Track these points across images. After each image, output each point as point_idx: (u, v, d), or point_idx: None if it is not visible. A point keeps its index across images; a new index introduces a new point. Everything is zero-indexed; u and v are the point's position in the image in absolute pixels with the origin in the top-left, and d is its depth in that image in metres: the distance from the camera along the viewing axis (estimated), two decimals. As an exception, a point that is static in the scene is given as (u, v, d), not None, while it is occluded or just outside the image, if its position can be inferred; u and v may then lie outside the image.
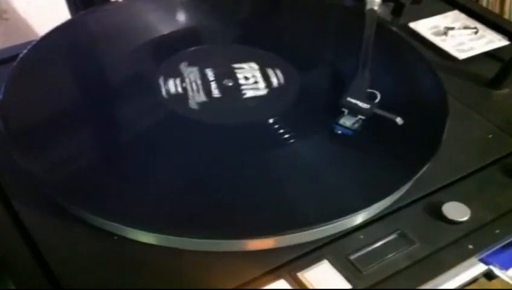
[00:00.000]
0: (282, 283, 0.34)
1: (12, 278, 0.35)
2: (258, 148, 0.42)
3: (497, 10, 1.07)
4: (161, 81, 0.47)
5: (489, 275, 0.45)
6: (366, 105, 0.43)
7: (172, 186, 0.39)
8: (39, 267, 0.35)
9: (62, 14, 0.66)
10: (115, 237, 0.36)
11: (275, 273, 0.35)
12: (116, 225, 0.36)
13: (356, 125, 0.42)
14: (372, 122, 0.43)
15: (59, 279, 0.34)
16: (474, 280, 0.45)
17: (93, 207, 0.36)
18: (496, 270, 0.40)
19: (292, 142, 0.42)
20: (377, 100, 0.44)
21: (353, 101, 0.43)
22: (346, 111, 0.43)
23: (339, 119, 0.42)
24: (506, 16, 1.08)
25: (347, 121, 0.42)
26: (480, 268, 0.42)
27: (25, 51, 0.48)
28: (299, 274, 0.35)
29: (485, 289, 0.50)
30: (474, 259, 0.39)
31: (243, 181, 0.39)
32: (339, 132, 0.42)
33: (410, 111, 0.44)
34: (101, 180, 0.39)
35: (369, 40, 0.49)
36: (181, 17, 0.56)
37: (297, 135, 0.42)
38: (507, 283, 0.42)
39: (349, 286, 0.34)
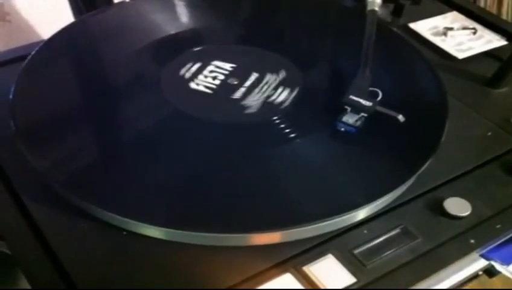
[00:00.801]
0: (288, 277, 0.35)
1: (25, 273, 0.35)
2: (264, 146, 0.43)
3: (494, 12, 1.08)
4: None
5: (490, 272, 0.45)
6: (369, 103, 0.44)
7: (180, 181, 0.39)
8: (51, 264, 0.35)
9: (64, 16, 0.66)
10: (124, 233, 0.37)
11: (280, 267, 0.35)
12: (125, 219, 0.36)
13: (359, 123, 0.43)
14: (374, 120, 0.43)
15: (70, 275, 0.34)
16: (475, 276, 0.46)
17: (102, 202, 0.37)
18: (497, 266, 0.41)
19: (297, 140, 0.43)
20: (378, 98, 0.45)
21: (355, 98, 0.44)
22: (348, 109, 0.44)
23: (341, 117, 0.43)
24: (503, 17, 1.09)
25: (350, 119, 0.43)
26: (481, 264, 0.43)
27: (33, 52, 0.49)
28: (305, 268, 0.35)
29: (485, 289, 0.51)
30: (475, 254, 0.39)
31: (249, 177, 0.40)
32: (342, 129, 0.43)
33: (412, 109, 0.44)
34: (109, 176, 0.40)
35: (370, 40, 0.49)
36: (195, 17, 0.56)
37: (302, 132, 0.43)
38: (507, 281, 0.42)
39: (353, 280, 0.35)
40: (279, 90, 0.48)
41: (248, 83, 0.48)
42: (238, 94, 0.47)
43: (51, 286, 0.34)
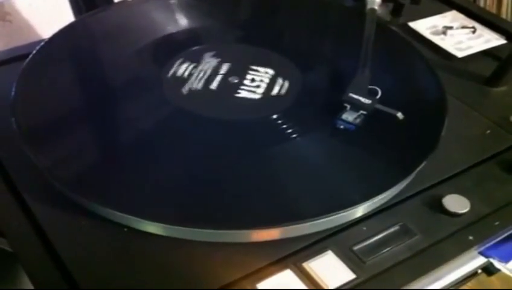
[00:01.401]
0: (288, 273, 0.35)
1: (27, 273, 0.35)
2: (264, 143, 0.43)
3: (494, 11, 1.08)
4: (177, 62, 0.49)
5: (488, 270, 0.46)
6: (368, 100, 0.44)
7: (180, 179, 0.40)
8: (52, 262, 0.35)
9: (65, 16, 0.67)
10: (125, 229, 0.37)
11: (280, 263, 0.36)
12: (126, 216, 0.37)
13: (358, 120, 0.43)
14: (373, 118, 0.44)
15: (72, 274, 0.35)
16: (474, 274, 0.46)
17: (103, 199, 0.37)
18: (496, 263, 0.41)
19: (297, 138, 0.43)
20: (378, 96, 0.45)
21: (355, 96, 0.44)
22: (348, 107, 0.44)
23: (341, 115, 0.43)
24: (503, 16, 1.09)
25: (349, 116, 0.43)
26: (480, 261, 0.43)
27: (34, 51, 0.49)
28: (305, 264, 0.35)
29: (484, 289, 0.51)
30: (474, 252, 0.39)
31: (249, 174, 0.40)
32: (341, 127, 0.43)
33: (411, 108, 0.45)
34: (110, 173, 0.40)
35: (370, 39, 0.50)
36: (194, 16, 0.57)
37: (301, 130, 0.43)
38: (506, 281, 0.42)
39: (353, 276, 0.35)
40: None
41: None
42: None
43: (52, 285, 0.34)
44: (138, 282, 0.35)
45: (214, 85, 0.48)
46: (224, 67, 0.50)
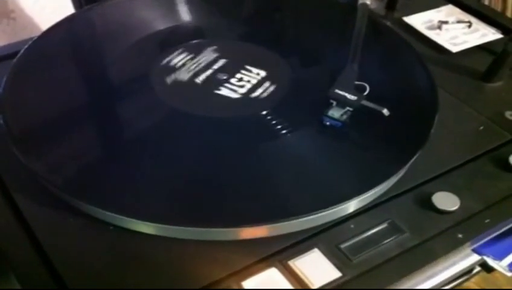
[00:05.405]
0: (273, 271, 0.35)
1: (14, 273, 0.35)
2: (251, 140, 0.43)
3: (499, 7, 1.07)
4: (176, 52, 0.49)
5: (487, 267, 0.45)
6: (354, 97, 0.43)
7: (166, 177, 0.39)
8: (41, 262, 0.35)
9: (68, 13, 0.66)
10: (111, 227, 0.37)
11: (266, 262, 0.35)
12: (112, 214, 0.36)
13: (344, 117, 0.43)
14: (363, 114, 0.43)
15: (60, 273, 0.34)
16: (470, 271, 0.45)
17: (91, 198, 0.37)
18: (490, 261, 0.41)
19: (284, 134, 0.42)
20: (365, 92, 0.44)
21: (341, 92, 0.43)
22: (334, 103, 0.43)
23: (327, 111, 0.43)
24: (509, 13, 1.07)
25: (335, 113, 0.43)
26: (475, 258, 0.42)
27: (24, 48, 0.49)
28: (290, 262, 0.35)
29: (489, 289, 0.50)
30: (467, 249, 0.39)
31: (234, 171, 0.40)
32: (328, 123, 0.43)
33: (401, 103, 0.44)
34: (98, 172, 0.40)
35: (360, 33, 0.49)
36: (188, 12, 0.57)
37: (288, 126, 0.43)
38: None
39: (339, 274, 0.35)
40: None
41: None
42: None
43: (40, 285, 0.34)
44: (125, 281, 0.34)
45: (200, 79, 0.47)
46: (220, 63, 0.49)
